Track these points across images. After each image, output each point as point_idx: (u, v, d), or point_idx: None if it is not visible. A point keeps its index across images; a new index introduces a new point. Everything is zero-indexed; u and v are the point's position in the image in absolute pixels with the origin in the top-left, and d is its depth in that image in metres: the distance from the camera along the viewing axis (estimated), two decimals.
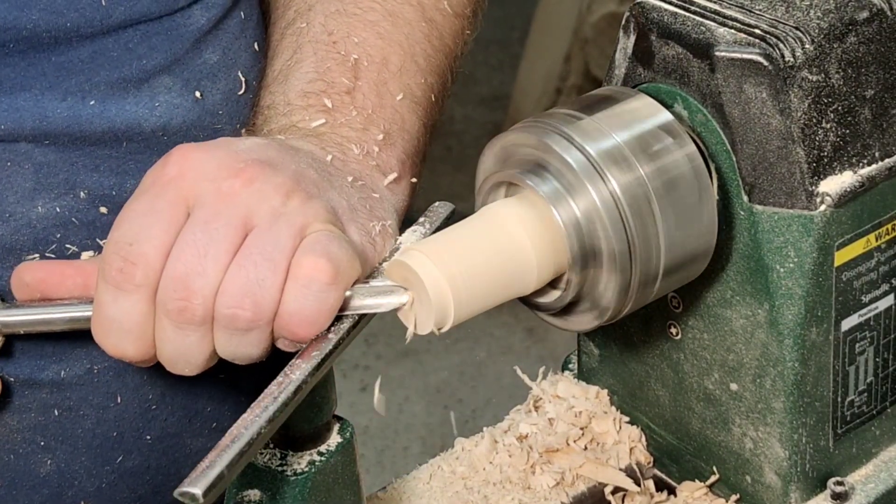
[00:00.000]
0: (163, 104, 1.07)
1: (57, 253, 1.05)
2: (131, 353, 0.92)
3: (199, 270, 0.89)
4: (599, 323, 0.95)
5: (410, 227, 0.99)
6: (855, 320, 0.98)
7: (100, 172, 1.05)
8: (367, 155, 1.05)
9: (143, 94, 1.06)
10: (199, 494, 0.83)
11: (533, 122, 0.94)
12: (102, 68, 1.04)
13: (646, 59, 0.98)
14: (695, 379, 1.03)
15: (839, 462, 1.02)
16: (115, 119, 1.05)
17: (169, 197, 0.92)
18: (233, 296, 0.89)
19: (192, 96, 1.09)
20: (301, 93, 1.08)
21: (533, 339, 3.45)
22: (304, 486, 0.94)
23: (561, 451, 1.07)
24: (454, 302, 0.90)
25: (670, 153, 0.94)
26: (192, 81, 1.09)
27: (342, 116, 1.06)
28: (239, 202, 0.91)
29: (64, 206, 1.05)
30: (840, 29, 0.94)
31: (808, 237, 0.94)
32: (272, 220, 0.91)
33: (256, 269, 0.89)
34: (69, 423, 1.09)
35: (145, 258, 0.90)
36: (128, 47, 1.05)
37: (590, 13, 3.81)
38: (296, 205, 0.92)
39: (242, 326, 0.90)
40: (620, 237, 0.91)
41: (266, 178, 0.93)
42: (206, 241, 0.90)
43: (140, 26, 1.05)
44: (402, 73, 1.11)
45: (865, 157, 0.96)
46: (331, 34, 1.11)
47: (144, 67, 1.06)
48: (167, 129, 1.08)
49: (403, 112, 1.10)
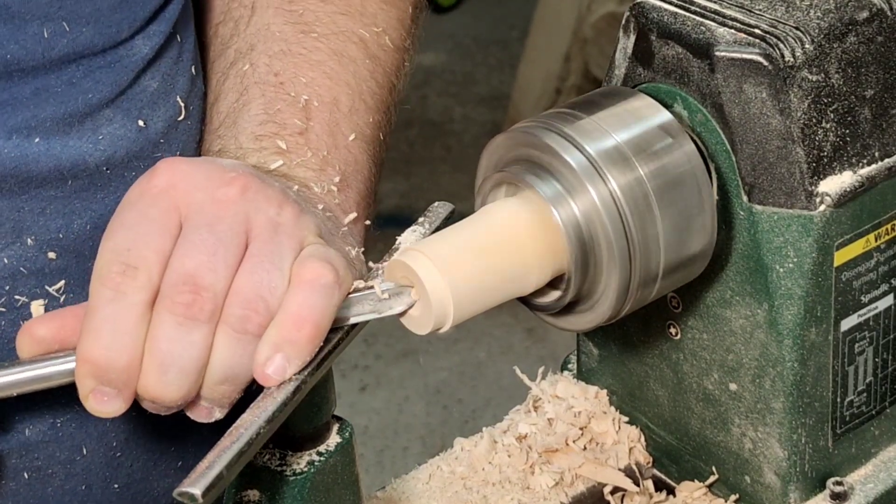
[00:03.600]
0: (106, 137, 1.06)
1: (6, 306, 1.03)
2: (124, 357, 0.87)
3: (210, 267, 0.88)
4: (599, 323, 0.95)
5: (410, 227, 0.99)
6: (854, 320, 0.98)
7: (46, 216, 1.04)
8: (328, 193, 1.04)
9: (87, 128, 1.05)
10: (199, 494, 0.83)
11: (533, 122, 0.94)
12: (48, 104, 1.02)
13: (646, 59, 0.98)
14: (694, 379, 1.03)
15: (838, 462, 1.02)
16: (60, 156, 1.03)
17: (161, 206, 0.90)
18: (247, 298, 0.88)
19: (134, 126, 1.07)
20: (253, 136, 1.06)
21: (533, 339, 3.45)
22: (304, 487, 0.94)
23: (560, 452, 1.07)
24: (454, 302, 0.90)
25: (670, 153, 0.94)
26: (134, 111, 1.07)
27: (297, 157, 1.05)
28: (238, 209, 0.90)
29: (11, 255, 1.03)
30: (840, 29, 0.94)
31: (808, 237, 0.94)
32: (272, 230, 0.90)
33: (269, 276, 0.89)
34: (39, 484, 1.08)
35: (146, 261, 0.88)
36: (71, 82, 1.03)
37: (590, 13, 3.81)
38: (290, 216, 0.92)
39: (253, 330, 0.88)
40: (620, 237, 0.91)
41: (258, 189, 0.92)
42: (214, 241, 0.89)
43: (83, 60, 1.04)
44: (352, 113, 1.11)
45: (865, 157, 0.96)
46: (277, 75, 1.10)
47: (89, 102, 1.04)
48: (111, 162, 1.06)
49: (356, 153, 1.10)
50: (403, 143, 4.22)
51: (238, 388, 0.91)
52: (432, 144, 4.25)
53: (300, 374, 0.89)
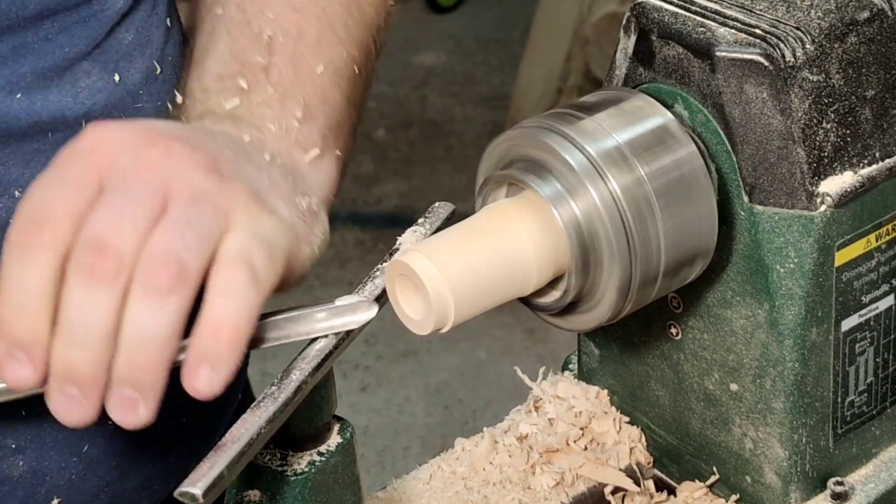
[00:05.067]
0: (84, 90, 1.06)
1: None
2: (24, 324, 0.84)
3: (116, 228, 0.85)
4: (599, 323, 0.95)
5: (411, 228, 0.99)
6: (855, 320, 0.98)
7: (30, 168, 1.04)
8: (286, 132, 1.02)
9: (66, 82, 1.05)
10: (199, 494, 0.83)
11: (533, 123, 0.94)
12: (26, 60, 1.03)
13: (646, 60, 0.98)
14: (695, 379, 1.03)
15: (839, 462, 1.02)
16: (41, 111, 1.04)
17: (80, 167, 0.88)
18: (156, 256, 0.84)
19: (111, 79, 1.08)
20: (216, 76, 1.06)
21: (533, 340, 3.45)
22: (304, 487, 0.94)
23: (561, 452, 1.07)
24: (454, 302, 0.90)
25: (671, 153, 0.94)
26: (110, 63, 1.08)
27: (257, 96, 1.04)
28: (157, 172, 0.88)
29: (1, 208, 1.03)
30: (841, 29, 0.94)
31: (809, 237, 0.94)
32: (192, 195, 0.88)
33: (184, 237, 0.85)
34: (36, 420, 1.07)
35: (53, 218, 0.85)
36: (48, 38, 1.04)
37: (590, 13, 3.82)
38: (215, 183, 0.89)
39: (164, 286, 0.84)
40: (621, 237, 0.91)
41: (183, 153, 0.90)
42: (123, 203, 0.86)
43: (58, 16, 1.04)
44: (320, 45, 1.08)
45: (866, 157, 0.96)
46: (244, 12, 1.09)
47: (66, 56, 1.05)
48: (90, 114, 1.06)
49: (324, 85, 1.07)
50: (403, 143, 4.22)
51: (160, 365, 0.86)
52: (433, 144, 4.25)
53: (301, 375, 0.89)
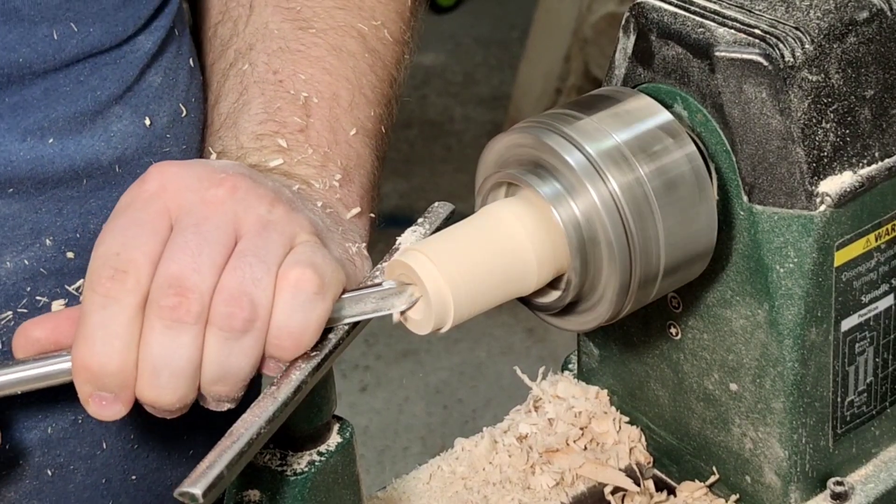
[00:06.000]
0: (117, 135, 1.07)
1: (28, 307, 1.04)
2: (116, 362, 0.88)
3: (193, 268, 0.88)
4: (599, 323, 0.95)
5: (410, 227, 0.99)
6: (855, 320, 0.98)
7: (63, 216, 1.05)
8: (329, 189, 1.04)
9: (98, 126, 1.06)
10: (199, 494, 0.83)
11: (533, 122, 0.94)
12: (58, 104, 1.03)
13: (646, 60, 0.98)
14: (694, 379, 1.03)
15: (839, 462, 1.02)
16: (74, 156, 1.04)
17: (151, 209, 0.91)
18: (231, 294, 0.88)
19: (142, 122, 1.08)
20: (253, 135, 1.07)
21: (533, 340, 3.45)
22: (304, 487, 0.94)
23: (561, 452, 1.07)
24: (454, 302, 0.90)
25: (670, 153, 0.94)
26: (141, 107, 1.09)
27: (298, 155, 1.05)
28: (226, 209, 0.91)
29: (31, 257, 1.04)
30: (840, 29, 0.94)
31: (808, 237, 0.94)
32: (261, 227, 0.90)
33: (252, 270, 0.88)
34: (61, 480, 1.08)
35: (135, 264, 0.88)
36: (79, 80, 1.04)
37: (590, 13, 3.81)
38: (281, 214, 0.92)
39: (239, 327, 0.88)
40: (620, 237, 0.91)
41: (249, 188, 0.92)
42: (198, 242, 0.89)
43: (90, 59, 1.05)
44: (352, 108, 1.11)
45: (865, 157, 0.96)
46: (276, 73, 1.10)
47: (98, 99, 1.05)
48: (122, 159, 1.07)
49: (358, 147, 1.10)
50: (403, 143, 4.22)
51: (236, 387, 0.91)
52: (432, 144, 4.25)
53: (301, 375, 0.89)
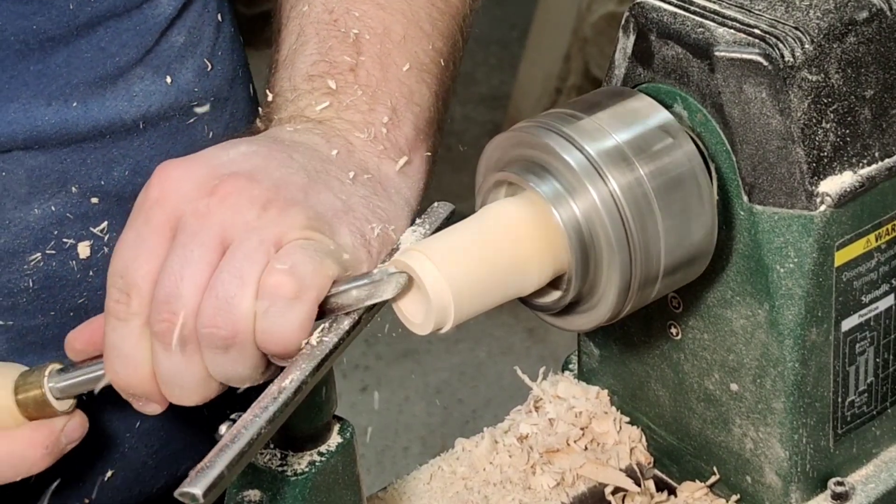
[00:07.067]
0: (139, 94, 1.11)
1: (56, 248, 1.09)
2: (134, 378, 0.93)
3: (175, 293, 0.90)
4: (600, 323, 0.94)
5: (410, 227, 0.99)
6: (855, 320, 0.98)
7: (87, 166, 1.10)
8: (374, 140, 1.03)
9: (120, 88, 1.10)
10: (199, 494, 0.83)
11: (533, 122, 0.94)
12: (80, 70, 1.07)
13: (645, 59, 0.98)
14: (695, 379, 1.03)
15: (839, 462, 1.02)
16: (98, 117, 1.09)
17: (153, 223, 0.92)
18: (207, 315, 0.90)
19: (163, 81, 1.12)
20: (306, 76, 1.07)
21: (533, 340, 3.45)
22: (305, 487, 0.94)
23: (561, 452, 1.07)
24: (454, 302, 0.90)
25: (670, 153, 0.94)
26: (162, 67, 1.12)
27: (347, 98, 1.05)
28: (213, 221, 0.91)
29: (58, 203, 1.09)
30: (840, 29, 0.94)
31: (808, 237, 0.94)
32: (245, 236, 0.91)
33: (224, 288, 0.89)
34: None
35: (137, 288, 0.91)
36: (100, 46, 1.08)
37: (589, 13, 3.81)
38: (272, 216, 0.92)
39: (220, 345, 0.90)
40: (620, 237, 0.91)
41: (241, 192, 0.92)
42: (180, 265, 0.90)
43: (109, 24, 1.08)
44: (406, 42, 1.10)
45: (865, 157, 0.96)
46: (331, 12, 1.10)
47: (118, 63, 1.09)
48: (146, 117, 1.11)
49: (411, 83, 1.09)
50: None
51: (248, 382, 0.93)
52: None
53: (301, 375, 0.89)
